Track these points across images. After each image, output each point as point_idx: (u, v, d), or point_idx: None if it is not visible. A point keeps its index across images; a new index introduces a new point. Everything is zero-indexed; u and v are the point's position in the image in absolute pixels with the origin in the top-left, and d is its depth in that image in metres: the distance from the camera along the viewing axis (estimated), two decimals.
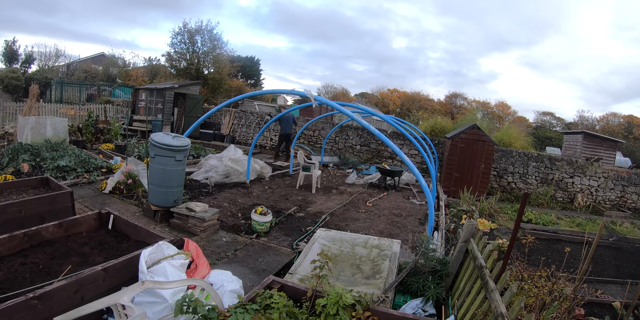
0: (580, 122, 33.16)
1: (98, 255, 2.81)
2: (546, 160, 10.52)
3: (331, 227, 5.06)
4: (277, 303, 1.97)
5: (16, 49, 22.22)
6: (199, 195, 6.05)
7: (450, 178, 9.25)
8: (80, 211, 4.44)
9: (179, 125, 14.02)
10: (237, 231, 4.71)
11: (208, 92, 22.40)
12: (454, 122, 17.38)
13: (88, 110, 12.09)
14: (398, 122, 8.66)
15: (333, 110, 10.78)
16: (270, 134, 13.50)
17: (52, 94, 16.88)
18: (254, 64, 34.67)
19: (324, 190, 7.64)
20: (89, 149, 8.92)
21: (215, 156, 7.74)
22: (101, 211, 3.33)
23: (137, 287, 2.00)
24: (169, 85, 14.07)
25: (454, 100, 38.59)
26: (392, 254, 3.42)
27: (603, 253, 4.89)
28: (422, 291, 3.05)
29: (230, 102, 5.55)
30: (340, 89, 40.06)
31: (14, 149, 6.62)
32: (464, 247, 3.18)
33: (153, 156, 4.49)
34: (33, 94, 10.37)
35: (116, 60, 24.57)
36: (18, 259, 2.57)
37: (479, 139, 9.10)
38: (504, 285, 2.27)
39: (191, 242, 2.95)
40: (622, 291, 3.98)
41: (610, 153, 14.14)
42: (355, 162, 11.39)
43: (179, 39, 22.33)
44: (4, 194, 3.94)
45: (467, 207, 6.73)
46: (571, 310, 2.58)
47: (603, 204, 10.13)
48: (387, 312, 2.16)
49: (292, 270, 3.03)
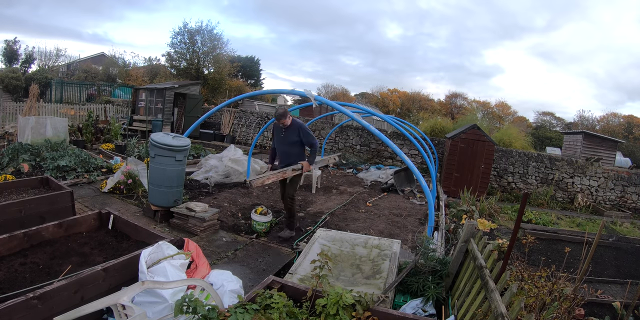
0: (580, 122, 33.19)
1: (98, 255, 2.81)
2: (546, 160, 10.52)
3: (331, 227, 5.06)
4: (277, 303, 1.97)
5: (16, 49, 22.23)
6: (199, 195, 6.05)
7: (450, 178, 9.25)
8: (80, 211, 4.44)
9: (179, 125, 14.02)
10: (237, 231, 4.71)
11: (208, 92, 22.40)
12: (454, 122, 17.38)
13: (88, 110, 12.09)
14: (398, 122, 8.66)
15: (333, 110, 10.78)
16: (270, 134, 13.48)
17: (52, 94, 16.88)
18: (254, 64, 34.68)
19: (324, 190, 7.64)
20: (89, 149, 8.92)
21: (215, 156, 7.74)
22: (101, 211, 3.33)
23: (137, 287, 2.00)
24: (169, 85, 14.07)
25: (454, 100, 38.61)
26: (392, 254, 3.43)
27: (603, 253, 4.89)
28: (422, 291, 3.05)
29: (230, 102, 5.55)
30: (340, 89, 40.10)
31: (14, 149, 6.62)
32: (464, 247, 3.18)
33: (153, 156, 4.49)
34: (33, 94, 10.36)
35: (116, 60, 24.58)
36: (18, 259, 2.57)
37: (479, 139, 9.10)
38: (504, 285, 2.26)
39: (191, 242, 2.95)
40: (622, 291, 3.98)
41: (610, 153, 14.13)
42: (356, 162, 11.39)
43: (179, 39, 22.36)
44: (4, 194, 3.94)
45: (467, 207, 6.72)
46: (571, 310, 2.58)
47: (603, 204, 10.13)
48: (387, 312, 2.16)
49: (292, 270, 3.03)
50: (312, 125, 12.69)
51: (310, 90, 4.75)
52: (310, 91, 4.65)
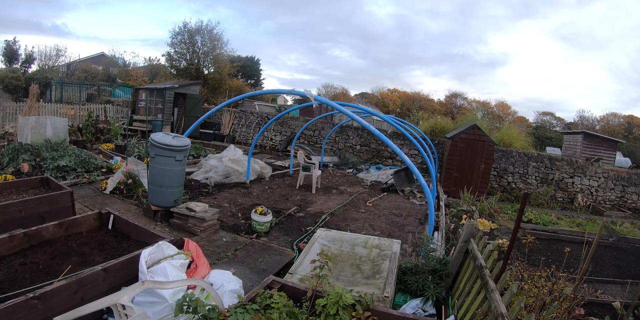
0: (580, 122, 33.20)
1: (98, 255, 2.81)
2: (546, 160, 10.52)
3: (331, 227, 5.06)
4: (277, 303, 1.97)
5: (16, 49, 22.21)
6: (199, 195, 6.05)
7: (450, 178, 9.25)
8: (80, 211, 4.43)
9: (179, 125, 14.02)
10: (237, 231, 4.71)
11: (208, 92, 22.41)
12: (454, 122, 17.36)
13: (88, 110, 12.09)
14: (398, 122, 8.66)
15: (333, 110, 10.77)
16: (270, 134, 13.49)
17: (52, 94, 16.87)
18: (254, 64, 34.70)
19: (324, 190, 7.64)
20: (89, 149, 8.92)
21: (215, 156, 7.74)
22: (101, 211, 3.33)
23: (137, 287, 2.00)
24: (169, 85, 14.07)
25: (454, 100, 38.62)
26: (392, 254, 3.42)
27: (603, 253, 4.89)
28: (422, 291, 3.05)
29: (230, 102, 5.54)
30: (340, 88, 40.13)
31: (14, 149, 6.62)
32: (464, 247, 3.18)
33: (153, 156, 4.49)
34: (33, 94, 10.36)
35: (116, 60, 24.59)
36: (18, 258, 2.57)
37: (479, 139, 9.10)
38: (504, 285, 2.27)
39: (191, 242, 2.95)
40: (622, 291, 3.98)
41: (610, 153, 14.14)
42: (355, 162, 11.39)
43: (179, 39, 22.37)
44: (4, 194, 3.94)
45: (467, 207, 6.72)
46: (571, 310, 2.58)
47: (603, 204, 10.13)
48: (387, 312, 2.15)
49: (292, 270, 3.03)
50: (312, 125, 12.70)
51: (310, 90, 4.75)
52: (311, 91, 4.65)
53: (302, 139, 12.98)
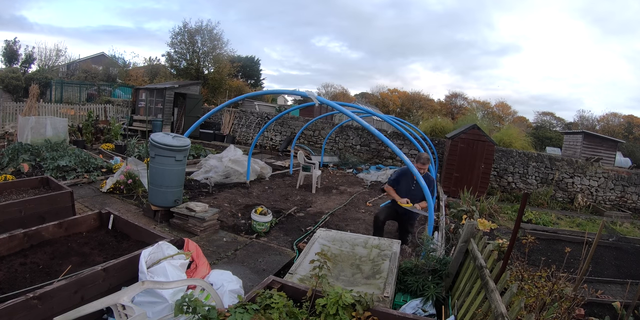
0: (580, 122, 33.23)
1: (98, 255, 2.81)
2: (546, 160, 10.52)
3: (331, 227, 5.06)
4: (277, 303, 1.97)
5: (16, 49, 22.22)
6: (199, 195, 6.05)
7: (450, 178, 9.25)
8: (80, 211, 4.43)
9: (179, 125, 14.03)
10: (237, 231, 4.71)
11: (208, 92, 22.42)
12: (454, 122, 17.37)
13: (88, 110, 12.08)
14: (398, 122, 8.66)
15: (333, 110, 10.78)
16: (270, 134, 13.50)
17: (52, 94, 16.87)
18: (254, 64, 34.72)
19: (324, 190, 7.64)
20: (89, 149, 8.92)
21: (215, 156, 7.74)
22: (101, 211, 3.33)
23: (137, 287, 2.00)
24: (169, 85, 14.08)
25: (454, 100, 38.65)
26: (392, 254, 3.42)
27: (603, 253, 4.90)
28: (422, 291, 3.05)
29: (230, 102, 5.55)
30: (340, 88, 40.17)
31: (14, 149, 6.62)
32: (464, 247, 3.18)
33: (153, 156, 4.49)
34: (33, 94, 10.37)
35: (116, 60, 24.60)
36: (18, 259, 2.57)
37: (479, 139, 9.10)
38: (504, 286, 2.26)
39: (191, 242, 2.95)
40: (622, 291, 3.98)
41: (610, 153, 14.13)
42: (356, 162, 11.39)
43: (179, 39, 22.38)
44: (4, 194, 3.94)
45: (467, 207, 6.72)
46: (571, 310, 2.58)
47: (603, 204, 10.13)
48: (387, 312, 2.15)
49: (292, 270, 3.03)
50: (312, 125, 12.70)
51: (311, 91, 4.76)
52: (312, 92, 4.67)
53: (302, 139, 12.98)
